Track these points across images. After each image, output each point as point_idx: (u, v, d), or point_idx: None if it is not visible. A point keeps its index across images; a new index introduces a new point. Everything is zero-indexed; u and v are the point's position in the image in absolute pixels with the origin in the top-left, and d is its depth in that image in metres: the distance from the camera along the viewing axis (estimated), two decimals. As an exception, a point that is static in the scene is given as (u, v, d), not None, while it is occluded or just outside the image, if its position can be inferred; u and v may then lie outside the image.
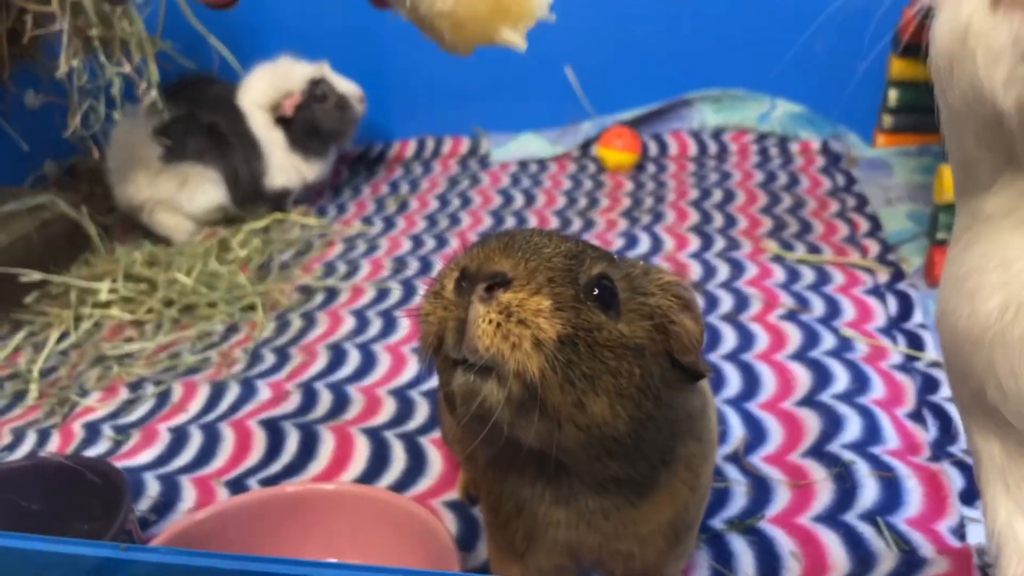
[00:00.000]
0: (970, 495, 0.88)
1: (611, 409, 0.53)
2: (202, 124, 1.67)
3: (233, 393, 1.16)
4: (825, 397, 1.04)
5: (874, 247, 1.42)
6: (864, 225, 1.51)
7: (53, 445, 1.09)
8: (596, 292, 0.54)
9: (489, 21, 0.46)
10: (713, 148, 1.91)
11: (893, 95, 1.74)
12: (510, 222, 1.69)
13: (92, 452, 1.06)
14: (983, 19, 0.44)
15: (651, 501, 0.63)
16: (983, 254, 0.48)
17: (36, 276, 1.43)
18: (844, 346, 1.14)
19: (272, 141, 1.73)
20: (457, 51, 0.47)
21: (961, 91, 0.45)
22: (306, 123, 1.73)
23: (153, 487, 0.98)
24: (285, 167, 1.75)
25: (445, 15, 0.45)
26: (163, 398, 1.17)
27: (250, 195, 1.74)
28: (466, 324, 0.51)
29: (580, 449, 0.55)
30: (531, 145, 1.99)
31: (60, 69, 1.33)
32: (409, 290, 1.42)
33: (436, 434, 1.04)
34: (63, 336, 1.36)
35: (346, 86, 1.76)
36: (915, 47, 1.66)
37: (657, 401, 0.56)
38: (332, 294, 1.43)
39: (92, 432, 1.10)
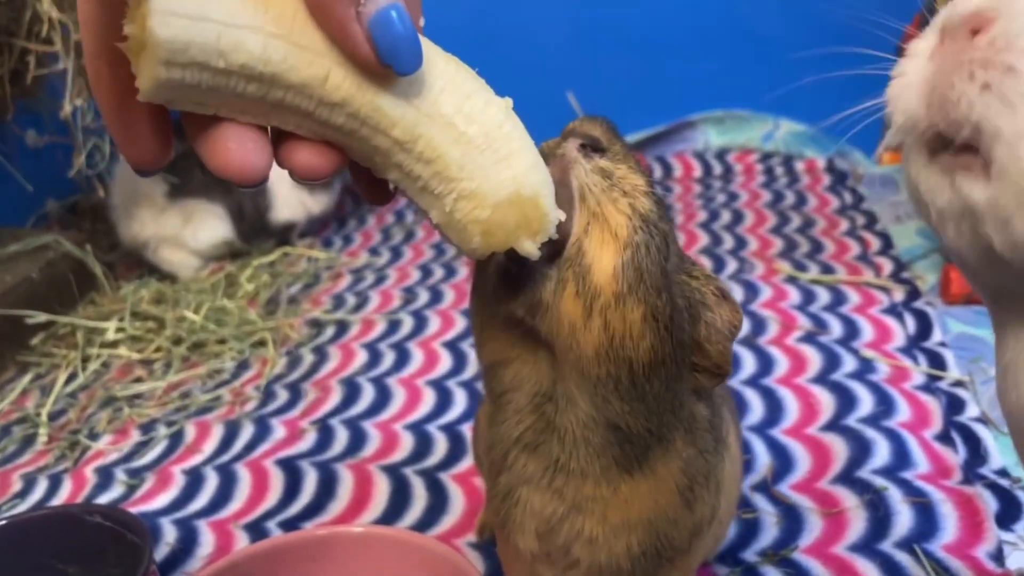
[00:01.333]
0: (1006, 518, 0.87)
1: (642, 323, 0.53)
2: (206, 159, 1.66)
3: (248, 432, 1.14)
4: (851, 421, 1.02)
5: (887, 265, 1.41)
6: (875, 243, 1.50)
7: (65, 491, 1.07)
8: (660, 233, 0.56)
9: (515, 230, 0.49)
10: (718, 169, 1.91)
11: (898, 112, 1.73)
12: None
13: (105, 497, 1.04)
14: (927, 177, 0.43)
15: (633, 482, 0.59)
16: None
17: (42, 317, 1.41)
18: (865, 368, 1.13)
19: (277, 175, 1.69)
20: (476, 254, 0.51)
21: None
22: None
23: (170, 533, 0.96)
24: (290, 200, 1.74)
25: (480, 222, 0.49)
26: (176, 439, 1.15)
27: (256, 229, 1.72)
28: (556, 155, 0.55)
29: (596, 360, 0.54)
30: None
31: (64, 109, 1.32)
32: (420, 321, 1.40)
33: (457, 470, 1.02)
34: (71, 378, 1.34)
35: (349, 117, 1.75)
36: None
37: (674, 353, 0.56)
38: (343, 327, 1.42)
39: (105, 476, 1.08)
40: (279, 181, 1.72)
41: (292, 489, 1.02)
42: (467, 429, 1.10)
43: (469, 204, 0.48)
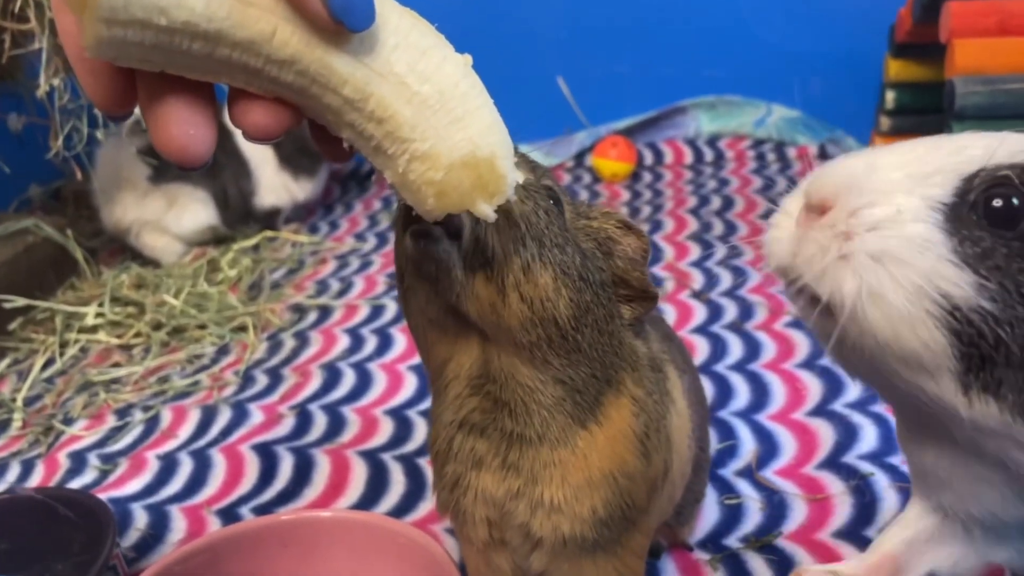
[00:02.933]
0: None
1: (554, 283, 0.56)
2: (189, 143, 1.64)
3: (224, 417, 1.12)
4: (838, 406, 1.00)
5: (879, 251, 1.39)
6: (867, 229, 1.48)
7: (37, 476, 1.05)
8: (546, 191, 0.58)
9: (470, 192, 0.48)
10: (709, 155, 1.89)
11: (890, 97, 1.71)
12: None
13: (77, 483, 1.02)
14: (797, 304, 0.51)
15: (589, 435, 0.60)
16: None
17: (20, 302, 1.39)
18: (854, 353, 1.11)
19: (261, 159, 1.70)
20: (431, 216, 0.50)
21: None
22: (296, 140, 1.69)
23: (141, 519, 0.94)
24: (275, 186, 1.72)
25: (434, 183, 0.48)
26: (151, 424, 1.13)
27: (240, 215, 1.70)
28: None
29: (523, 329, 0.56)
30: (524, 157, 1.95)
31: (40, 88, 1.29)
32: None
33: (436, 455, 1.00)
34: (48, 363, 1.32)
35: (335, 101, 1.73)
36: (911, 47, 1.64)
37: (596, 297, 0.58)
38: (325, 312, 1.40)
39: (77, 462, 1.06)
40: (264, 166, 1.70)
41: (267, 474, 0.99)
42: (448, 414, 1.07)
43: (422, 165, 0.47)
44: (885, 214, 0.45)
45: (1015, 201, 0.44)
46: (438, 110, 0.46)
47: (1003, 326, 0.44)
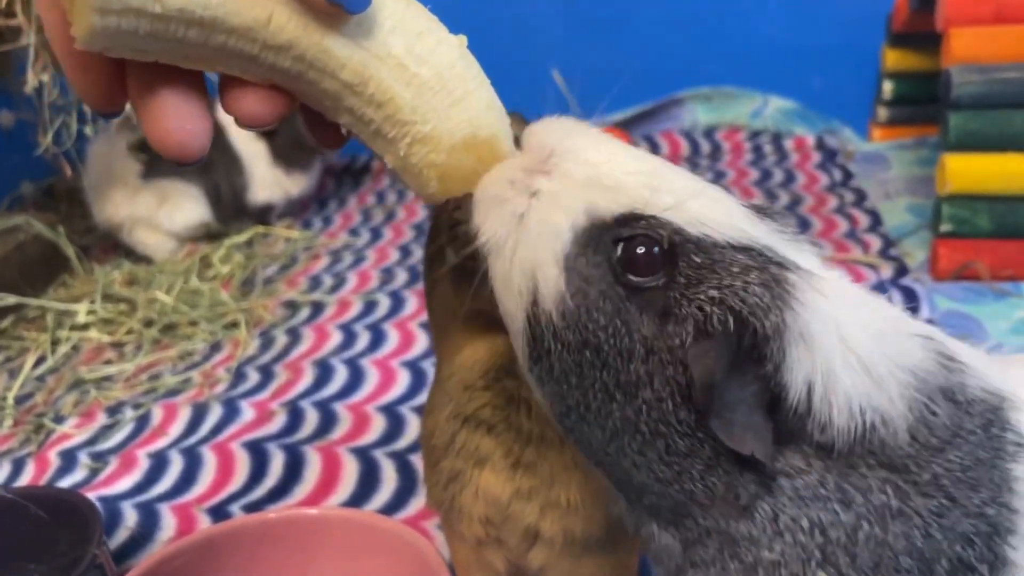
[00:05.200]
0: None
1: None
2: (181, 139, 1.62)
3: (215, 414, 1.11)
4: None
5: (876, 242, 1.38)
6: (864, 220, 1.47)
7: (27, 474, 1.04)
8: None
9: (471, 174, 0.48)
10: (706, 147, 1.87)
11: (888, 87, 1.70)
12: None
13: (67, 481, 1.01)
14: None
15: None
16: None
17: (12, 300, 1.38)
18: (850, 345, 1.10)
19: (254, 154, 1.68)
20: (434, 200, 0.50)
21: None
22: (290, 135, 1.68)
23: (131, 516, 0.93)
24: (268, 181, 1.70)
25: (437, 166, 0.47)
26: (142, 422, 1.12)
27: (233, 211, 1.69)
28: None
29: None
30: (520, 150, 1.94)
31: (28, 84, 1.28)
32: (397, 301, 1.37)
33: (428, 451, 0.99)
34: (40, 361, 1.31)
35: (329, 96, 1.72)
36: (908, 37, 1.63)
37: None
38: (318, 308, 1.39)
39: (68, 460, 1.05)
40: (257, 161, 1.68)
41: (258, 472, 0.99)
42: (440, 410, 1.07)
43: (424, 148, 0.46)
44: (551, 188, 0.46)
45: (641, 252, 0.44)
46: (438, 91, 0.46)
47: (558, 341, 0.45)
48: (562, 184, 0.46)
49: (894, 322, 0.47)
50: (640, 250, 0.44)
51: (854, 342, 0.44)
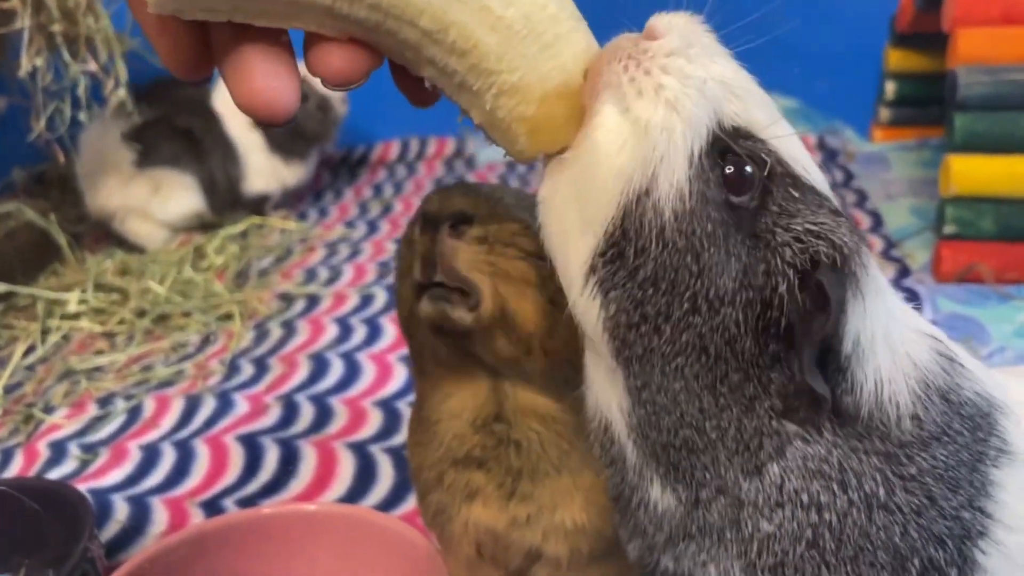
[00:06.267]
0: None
1: (578, 330, 0.53)
2: (176, 128, 1.60)
3: (208, 407, 1.09)
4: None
5: (878, 243, 1.37)
6: (866, 221, 1.46)
7: (16, 465, 1.02)
8: None
9: (564, 126, 0.45)
10: (706, 146, 1.86)
11: (891, 88, 1.69)
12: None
13: (57, 472, 0.99)
14: None
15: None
16: None
17: (1, 288, 1.36)
18: (853, 346, 1.09)
19: (250, 144, 1.66)
20: (524, 157, 0.46)
21: None
22: (287, 124, 1.66)
23: (121, 510, 0.91)
24: (263, 171, 1.69)
25: (526, 119, 0.44)
26: (134, 414, 1.10)
27: (227, 201, 1.67)
28: (438, 255, 0.53)
29: (545, 377, 0.56)
30: (519, 145, 1.93)
31: (22, 68, 1.26)
32: (395, 295, 1.35)
33: (425, 447, 0.97)
34: (29, 350, 1.29)
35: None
36: (912, 37, 1.62)
37: None
38: (313, 301, 1.37)
39: (57, 451, 1.03)
40: (253, 150, 1.66)
41: (252, 466, 0.97)
42: (438, 405, 1.05)
43: (512, 100, 0.43)
44: (689, 83, 0.44)
45: (747, 170, 0.44)
46: (525, 36, 0.42)
47: (661, 241, 0.43)
48: (707, 76, 0.45)
49: (909, 315, 0.48)
50: (747, 169, 0.44)
51: (890, 319, 0.45)
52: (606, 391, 0.48)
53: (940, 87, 1.27)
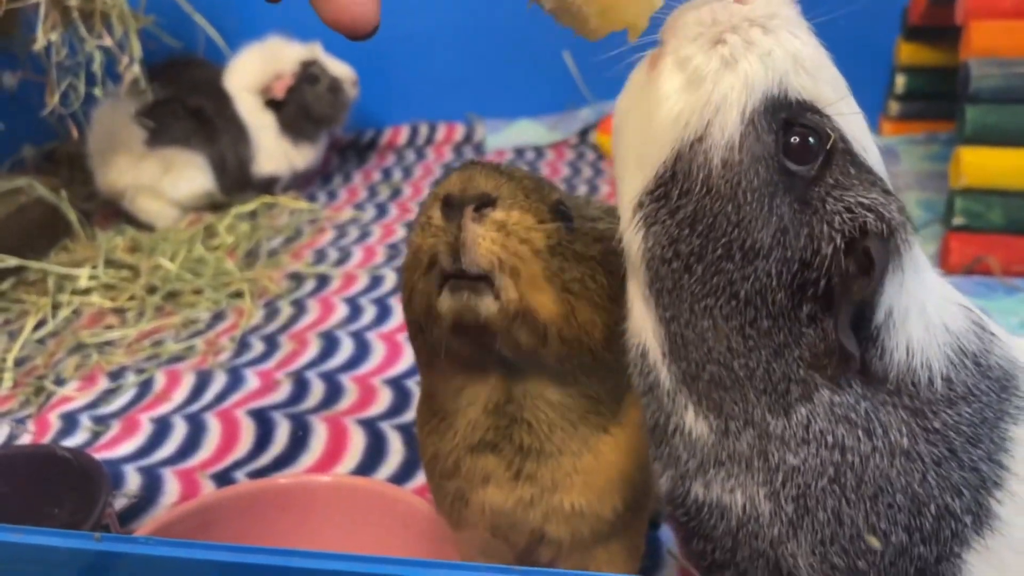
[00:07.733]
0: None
1: (591, 318, 0.56)
2: (188, 108, 1.61)
3: (219, 382, 1.10)
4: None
5: (886, 234, 1.38)
6: (874, 213, 1.46)
7: (27, 436, 1.03)
8: (559, 213, 0.57)
9: (629, 4, 0.47)
10: (714, 136, 1.87)
11: (901, 81, 1.69)
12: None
13: (69, 443, 1.00)
14: None
15: (612, 438, 0.60)
16: None
17: (12, 262, 1.36)
18: (861, 334, 1.09)
19: (261, 125, 1.67)
20: (595, 36, 0.48)
21: None
22: (297, 107, 1.66)
23: (133, 480, 0.92)
24: (274, 153, 1.69)
25: (596, 0, 0.46)
26: (145, 387, 1.11)
27: (237, 182, 1.67)
28: (462, 244, 0.53)
29: (559, 362, 0.57)
30: (528, 131, 1.93)
31: (37, 42, 1.26)
32: (403, 286, 1.36)
33: (435, 424, 0.98)
34: (40, 324, 1.29)
35: (339, 68, 1.70)
36: (924, 30, 1.62)
37: (620, 311, 0.57)
38: (323, 281, 1.38)
39: (69, 422, 1.04)
40: (264, 132, 1.67)
41: (263, 440, 0.98)
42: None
43: None
44: (766, 46, 0.47)
45: (810, 141, 0.47)
46: None
47: (707, 186, 0.46)
48: (776, 46, 0.47)
49: (945, 288, 0.51)
50: (811, 140, 0.46)
51: (927, 293, 0.48)
52: (643, 317, 0.51)
53: (950, 82, 1.27)
